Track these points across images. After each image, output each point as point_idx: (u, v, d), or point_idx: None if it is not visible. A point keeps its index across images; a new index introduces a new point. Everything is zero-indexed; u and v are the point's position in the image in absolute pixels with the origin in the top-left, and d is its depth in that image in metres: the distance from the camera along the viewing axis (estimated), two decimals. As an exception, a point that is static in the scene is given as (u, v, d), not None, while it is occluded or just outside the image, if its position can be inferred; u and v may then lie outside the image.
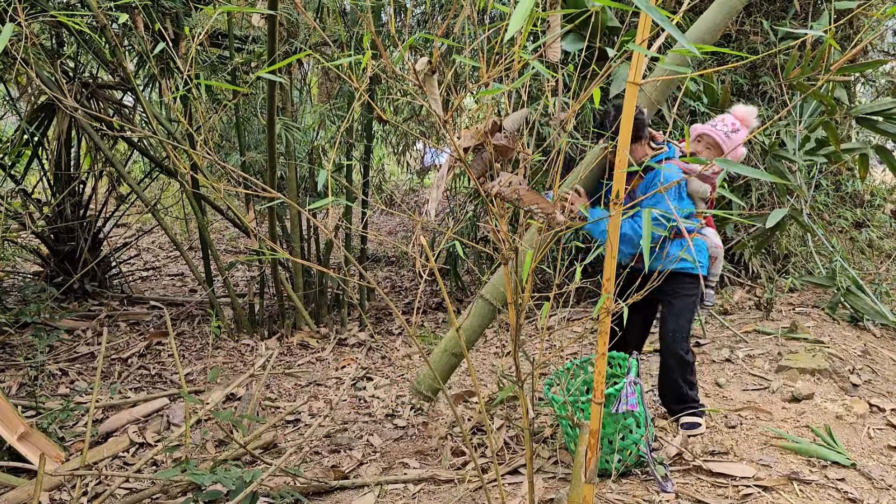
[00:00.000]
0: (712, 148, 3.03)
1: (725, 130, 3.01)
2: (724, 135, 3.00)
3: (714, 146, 3.02)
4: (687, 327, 2.95)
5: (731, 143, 2.99)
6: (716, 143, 3.01)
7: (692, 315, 2.97)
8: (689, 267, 2.91)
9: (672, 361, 2.96)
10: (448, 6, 5.61)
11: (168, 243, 8.75)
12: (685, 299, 2.94)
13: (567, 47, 4.01)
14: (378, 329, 5.41)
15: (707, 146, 3.05)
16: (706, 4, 5.40)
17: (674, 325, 2.94)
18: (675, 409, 3.04)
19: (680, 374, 2.96)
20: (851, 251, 6.12)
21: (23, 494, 2.78)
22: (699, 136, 3.07)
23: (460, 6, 1.77)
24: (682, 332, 2.94)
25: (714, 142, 3.01)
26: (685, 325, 2.94)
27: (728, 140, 2.99)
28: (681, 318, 2.94)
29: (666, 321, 2.98)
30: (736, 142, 2.98)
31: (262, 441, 3.30)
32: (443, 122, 1.66)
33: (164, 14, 4.88)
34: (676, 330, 2.93)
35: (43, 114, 5.40)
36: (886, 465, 2.77)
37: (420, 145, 9.22)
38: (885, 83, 7.04)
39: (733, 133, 3.00)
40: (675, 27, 1.22)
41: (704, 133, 3.05)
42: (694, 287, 2.95)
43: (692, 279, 2.93)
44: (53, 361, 4.48)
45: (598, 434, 1.94)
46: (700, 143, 3.07)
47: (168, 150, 3.53)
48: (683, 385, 2.98)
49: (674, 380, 2.98)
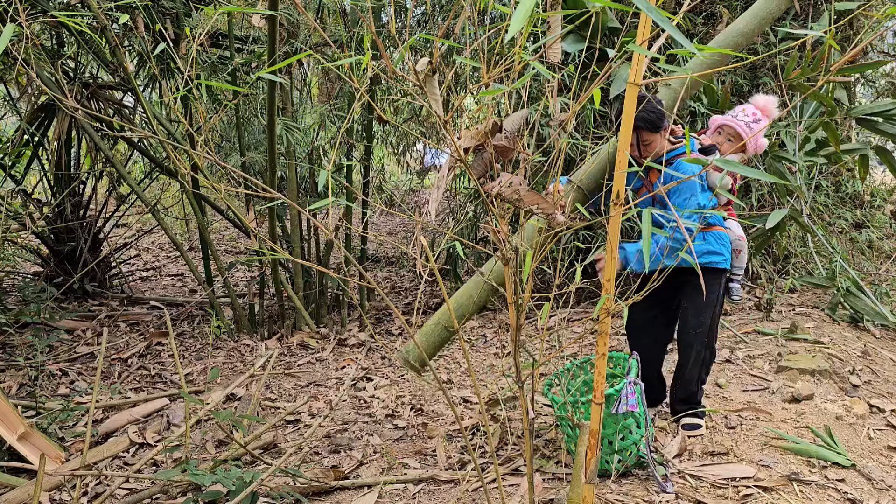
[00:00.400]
0: (733, 139, 2.93)
1: (746, 121, 2.91)
2: (745, 125, 2.90)
3: (735, 137, 2.93)
4: (709, 323, 2.87)
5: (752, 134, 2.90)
6: (737, 134, 2.92)
7: (714, 311, 2.89)
8: (712, 261, 2.84)
9: (692, 359, 2.89)
10: (448, 7, 5.61)
11: (168, 243, 8.76)
12: (707, 295, 2.84)
13: (567, 48, 4.01)
14: (378, 329, 5.41)
15: (728, 137, 2.95)
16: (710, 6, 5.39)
17: (695, 321, 2.87)
18: (678, 409, 3.02)
19: (696, 373, 2.91)
20: (851, 252, 6.13)
21: (23, 495, 2.78)
22: (720, 128, 2.98)
23: (461, 7, 1.77)
24: (703, 328, 2.86)
25: (735, 132, 2.92)
26: (707, 321, 2.87)
27: (749, 131, 2.89)
28: (702, 315, 2.86)
29: (687, 318, 2.91)
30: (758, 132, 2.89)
31: (262, 441, 3.30)
32: (443, 122, 1.66)
33: (165, 14, 4.89)
34: (698, 326, 2.86)
35: (43, 114, 5.40)
36: (886, 466, 2.77)
37: (420, 146, 9.23)
38: (885, 84, 7.04)
39: (754, 123, 2.90)
40: (675, 28, 1.22)
41: (725, 124, 2.95)
42: (716, 283, 2.87)
43: (715, 274, 2.86)
44: (53, 361, 4.48)
45: (598, 434, 1.94)
46: (720, 134, 2.98)
47: (168, 151, 3.53)
48: (696, 386, 2.94)
49: (689, 378, 2.92)
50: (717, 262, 2.85)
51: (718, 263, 2.86)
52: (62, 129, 5.22)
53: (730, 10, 5.37)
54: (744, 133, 2.89)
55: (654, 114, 2.71)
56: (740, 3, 5.49)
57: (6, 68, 5.32)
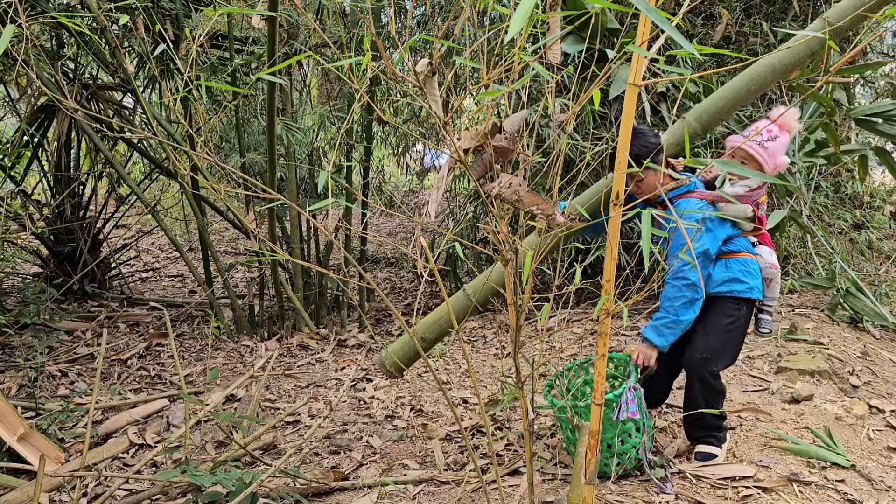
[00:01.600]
0: (747, 162, 2.65)
1: (759, 140, 2.63)
2: (759, 146, 2.62)
3: (749, 160, 2.64)
4: (718, 349, 2.62)
5: (767, 154, 2.62)
6: (750, 157, 2.63)
7: (726, 339, 2.64)
8: (734, 290, 2.64)
9: (697, 385, 2.65)
10: (448, 8, 5.61)
11: (168, 244, 8.76)
12: (719, 319, 2.63)
13: (567, 49, 4.01)
14: (378, 330, 5.41)
15: (741, 160, 2.66)
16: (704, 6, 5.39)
17: (702, 344, 2.62)
18: (695, 437, 2.79)
19: (703, 399, 2.64)
20: (851, 253, 6.13)
21: (22, 496, 2.78)
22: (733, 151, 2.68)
23: (460, 8, 1.77)
24: (711, 353, 2.61)
25: (748, 155, 2.63)
26: (715, 345, 2.62)
27: (764, 151, 2.62)
28: (709, 338, 2.62)
29: (695, 341, 2.66)
30: (774, 150, 2.62)
31: (262, 442, 3.30)
32: (443, 123, 1.66)
33: (165, 15, 4.89)
34: (705, 350, 2.61)
35: (43, 115, 5.41)
36: (886, 467, 2.77)
37: (420, 147, 9.23)
38: (884, 85, 7.05)
39: (770, 142, 2.62)
40: (674, 29, 1.22)
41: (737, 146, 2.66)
42: (734, 310, 2.64)
43: (735, 303, 2.64)
44: (53, 362, 4.48)
45: (598, 435, 1.94)
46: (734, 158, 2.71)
47: (168, 152, 3.53)
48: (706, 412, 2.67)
49: (697, 404, 2.65)
50: (739, 290, 2.64)
51: (742, 293, 2.64)
52: (62, 130, 5.22)
53: (729, 11, 5.38)
54: (757, 155, 2.62)
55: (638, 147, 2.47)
56: (739, 3, 5.50)
57: (6, 69, 5.32)
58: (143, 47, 4.73)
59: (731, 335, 2.66)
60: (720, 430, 2.76)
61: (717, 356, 2.63)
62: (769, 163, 2.63)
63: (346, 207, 5.36)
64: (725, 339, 2.64)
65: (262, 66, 4.84)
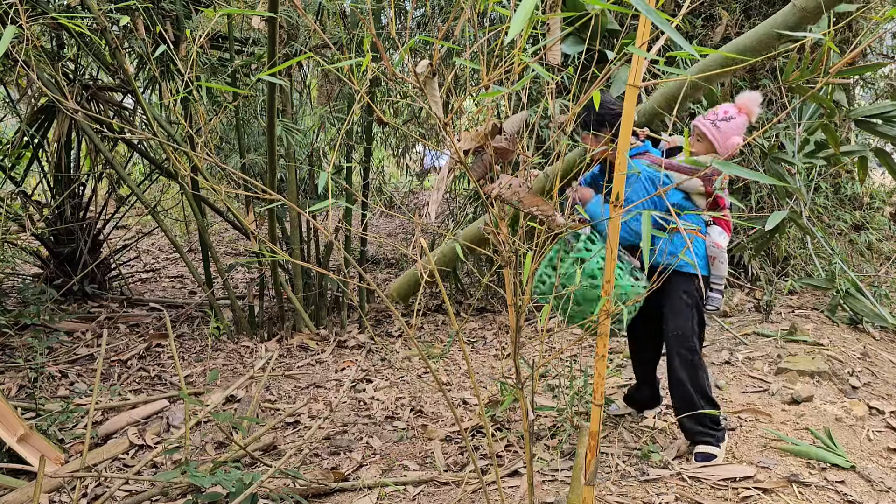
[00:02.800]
0: (701, 140, 2.77)
1: (713, 119, 2.73)
2: (711, 124, 2.73)
3: (702, 138, 2.76)
4: (689, 327, 2.76)
5: (720, 133, 2.71)
6: (702, 134, 2.76)
7: (693, 315, 2.78)
8: (681, 266, 2.75)
9: (677, 362, 2.78)
10: (448, 9, 5.62)
11: (168, 245, 8.75)
12: (678, 296, 2.78)
13: (567, 50, 4.02)
14: (377, 331, 5.41)
15: (697, 138, 2.79)
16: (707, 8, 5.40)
17: (673, 324, 2.79)
18: (690, 429, 2.82)
19: (688, 378, 2.75)
20: (851, 254, 6.13)
21: (22, 496, 2.78)
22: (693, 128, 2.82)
23: (460, 9, 1.77)
24: (684, 331, 2.76)
25: (700, 132, 2.76)
26: (685, 324, 2.76)
27: (715, 130, 2.72)
28: (679, 318, 2.77)
29: (667, 321, 2.82)
30: (727, 131, 2.71)
31: (262, 443, 3.30)
32: (443, 124, 1.66)
33: (165, 16, 4.90)
34: (677, 328, 2.77)
35: (43, 116, 5.41)
36: (886, 468, 2.77)
37: (420, 147, 9.24)
38: (884, 86, 7.06)
39: (723, 122, 2.72)
40: (674, 30, 1.22)
41: (694, 124, 2.81)
42: (687, 285, 2.78)
43: (685, 278, 2.77)
44: (53, 363, 4.48)
45: (598, 436, 1.94)
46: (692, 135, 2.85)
47: (168, 152, 3.54)
48: (695, 394, 2.75)
49: (682, 383, 2.76)
50: (682, 265, 2.76)
51: (684, 267, 2.76)
52: (62, 131, 5.22)
53: (729, 12, 5.38)
54: (709, 133, 2.73)
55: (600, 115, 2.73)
56: (739, 5, 5.51)
57: (6, 70, 5.33)
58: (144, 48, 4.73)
59: (691, 311, 2.79)
60: (717, 428, 2.79)
61: (688, 331, 2.78)
62: (720, 142, 2.73)
63: (346, 208, 5.37)
64: (689, 315, 2.79)
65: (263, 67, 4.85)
